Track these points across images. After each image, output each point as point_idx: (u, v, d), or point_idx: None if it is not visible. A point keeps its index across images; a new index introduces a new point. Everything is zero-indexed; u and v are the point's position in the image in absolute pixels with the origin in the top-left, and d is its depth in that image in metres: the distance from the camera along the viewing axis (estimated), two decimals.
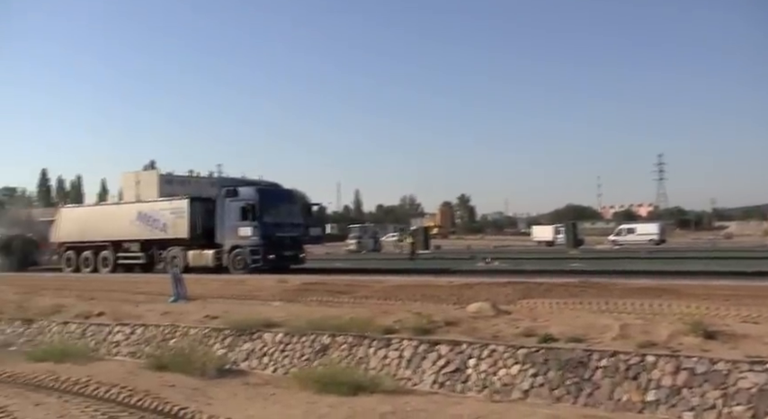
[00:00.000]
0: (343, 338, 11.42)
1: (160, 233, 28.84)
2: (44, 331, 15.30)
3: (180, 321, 13.74)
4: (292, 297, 16.92)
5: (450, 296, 15.69)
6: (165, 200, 31.18)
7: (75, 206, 40.92)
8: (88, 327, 14.73)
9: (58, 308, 16.16)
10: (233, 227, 26.99)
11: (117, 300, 17.16)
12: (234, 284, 20.32)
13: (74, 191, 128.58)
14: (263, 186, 29.25)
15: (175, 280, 17.24)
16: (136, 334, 13.91)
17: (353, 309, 13.60)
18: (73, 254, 31.83)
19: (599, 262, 30.92)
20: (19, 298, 18.49)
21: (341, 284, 18.76)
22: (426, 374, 10.24)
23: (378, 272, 24.77)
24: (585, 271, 22.25)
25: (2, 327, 16.00)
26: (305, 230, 29.25)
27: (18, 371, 11.04)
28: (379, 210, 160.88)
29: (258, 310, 13.97)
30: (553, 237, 67.17)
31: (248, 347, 12.36)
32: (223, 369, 11.38)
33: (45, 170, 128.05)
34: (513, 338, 10.10)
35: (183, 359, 11.38)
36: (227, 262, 26.95)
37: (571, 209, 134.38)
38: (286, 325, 12.40)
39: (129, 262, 30.06)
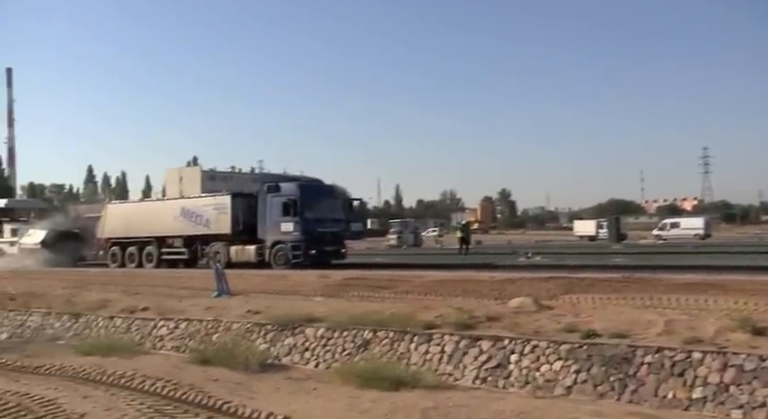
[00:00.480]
0: (384, 333, 11.43)
1: (203, 229, 29.15)
2: (91, 325, 15.58)
3: (223, 316, 13.90)
4: (333, 292, 16.97)
5: (492, 291, 15.61)
6: (208, 196, 31.47)
7: (121, 202, 41.61)
8: (133, 322, 14.96)
9: (105, 303, 16.44)
10: (275, 223, 27.16)
11: (161, 295, 17.40)
12: (275, 279, 20.45)
13: (119, 187, 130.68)
14: (304, 182, 29.35)
15: (218, 275, 17.41)
16: (180, 329, 14.10)
17: (394, 304, 13.60)
18: (118, 250, 32.33)
19: (643, 256, 30.46)
20: (67, 292, 18.86)
21: (382, 279, 18.78)
22: (468, 369, 10.20)
23: (418, 267, 24.73)
24: (629, 267, 21.94)
25: (51, 321, 16.34)
26: (346, 226, 29.25)
27: (67, 364, 11.26)
28: (420, 205, 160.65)
29: (300, 305, 14.06)
30: (595, 232, 66.37)
31: (290, 342, 12.44)
32: (265, 364, 11.48)
33: (91, 167, 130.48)
34: (555, 334, 10.02)
35: (227, 353, 11.51)
36: (269, 257, 27.12)
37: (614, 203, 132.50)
38: (328, 320, 12.46)
39: (173, 257, 30.45)
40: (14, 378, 10.38)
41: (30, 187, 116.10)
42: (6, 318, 17.21)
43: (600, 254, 34.60)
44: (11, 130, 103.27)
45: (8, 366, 11.62)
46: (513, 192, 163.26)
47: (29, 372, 11.02)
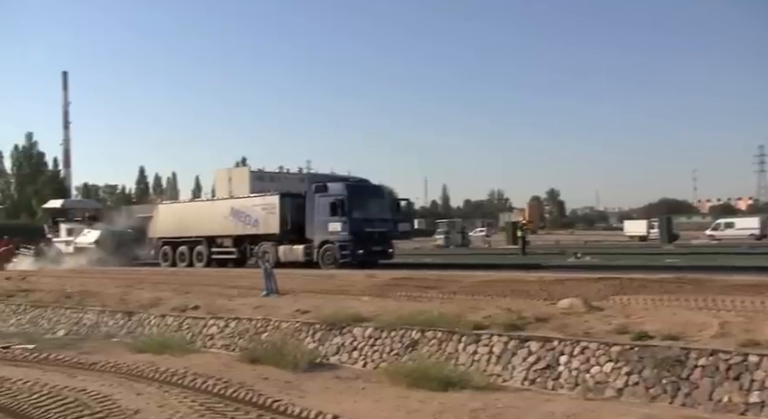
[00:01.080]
0: (432, 333, 11.42)
1: (252, 228, 29.46)
2: (143, 323, 15.88)
3: (272, 315, 14.03)
4: (381, 292, 17.00)
5: (541, 291, 15.49)
6: (257, 197, 31.79)
7: (171, 202, 42.28)
8: (184, 320, 15.21)
9: (156, 302, 16.74)
10: (322, 223, 27.31)
11: (211, 294, 17.63)
12: (323, 279, 20.58)
13: (169, 187, 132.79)
14: (352, 182, 29.48)
15: (267, 274, 17.56)
16: (230, 328, 14.28)
17: (442, 305, 13.58)
18: (169, 249, 32.86)
19: (696, 257, 29.89)
20: (120, 291, 19.25)
21: (429, 279, 18.75)
22: (516, 370, 10.14)
23: (466, 267, 24.64)
24: (681, 267, 21.55)
25: (105, 319, 16.71)
26: (393, 226, 29.31)
27: (121, 362, 11.50)
28: (467, 205, 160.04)
29: (348, 305, 14.11)
30: (646, 232, 65.23)
31: (338, 341, 12.51)
32: (314, 363, 11.57)
33: (143, 168, 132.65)
34: (605, 335, 9.90)
35: (276, 352, 11.62)
36: (317, 257, 27.29)
37: (665, 202, 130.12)
38: (375, 319, 12.49)
39: (223, 256, 30.84)
40: (72, 375, 10.64)
41: (84, 188, 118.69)
42: (63, 316, 17.65)
43: (651, 254, 34.08)
44: (66, 132, 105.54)
45: (65, 362, 11.92)
46: (561, 192, 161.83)
47: (85, 369, 11.28)
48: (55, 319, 17.72)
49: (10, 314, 19.04)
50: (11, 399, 8.90)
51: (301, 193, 29.61)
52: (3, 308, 19.50)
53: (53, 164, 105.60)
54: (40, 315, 18.26)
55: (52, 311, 18.12)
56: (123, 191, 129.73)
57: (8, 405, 8.65)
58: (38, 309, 18.57)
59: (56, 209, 41.18)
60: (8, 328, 18.17)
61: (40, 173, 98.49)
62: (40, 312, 18.38)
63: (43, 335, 16.59)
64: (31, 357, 12.63)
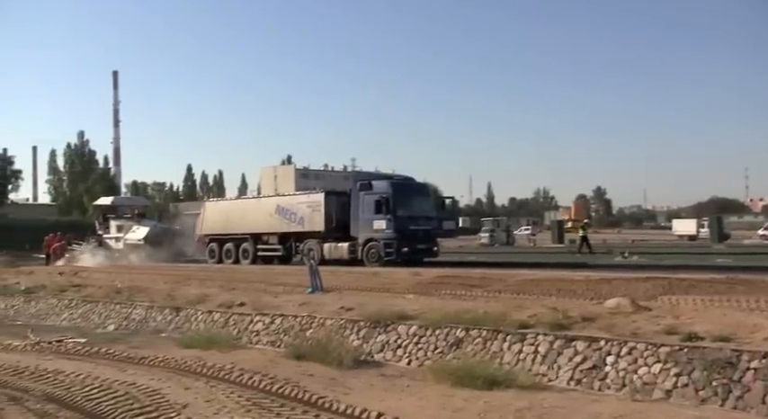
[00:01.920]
0: (477, 332, 11.39)
1: (297, 226, 29.63)
2: (191, 319, 16.12)
3: (317, 312, 14.12)
4: (426, 290, 16.99)
5: (587, 291, 15.31)
6: (302, 194, 31.93)
7: (218, 200, 42.77)
8: (231, 316, 15.39)
9: (203, 298, 16.98)
10: (367, 221, 27.35)
11: (257, 291, 17.82)
12: (368, 276, 20.64)
13: (216, 185, 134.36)
14: (397, 180, 29.47)
15: (312, 272, 17.68)
16: (275, 324, 14.42)
17: (487, 303, 13.50)
18: (216, 246, 33.22)
19: (747, 257, 29.22)
20: (168, 287, 19.58)
21: (474, 277, 18.68)
22: (562, 370, 10.06)
23: (511, 266, 24.48)
24: (733, 267, 21.11)
25: (154, 314, 17.01)
26: (438, 224, 29.15)
27: (169, 356, 11.69)
28: (512, 203, 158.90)
29: (392, 303, 14.14)
30: (696, 231, 64.00)
31: (383, 339, 12.54)
32: (359, 361, 11.62)
33: (190, 165, 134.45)
34: (653, 335, 9.75)
35: (321, 349, 11.70)
36: (362, 254, 27.35)
37: (715, 201, 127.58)
38: (420, 317, 12.50)
39: (268, 254, 31.06)
40: (122, 369, 10.85)
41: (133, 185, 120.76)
42: (113, 311, 18.03)
43: (701, 254, 33.43)
44: (116, 131, 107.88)
45: (116, 356, 12.15)
46: (608, 190, 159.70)
47: (135, 363, 11.49)
48: (105, 314, 18.11)
49: (63, 308, 19.52)
50: (65, 391, 9.12)
51: (346, 191, 29.68)
52: (56, 303, 19.99)
53: (103, 162, 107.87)
54: (91, 309, 18.68)
55: (103, 306, 18.52)
56: (171, 188, 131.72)
57: (62, 396, 8.87)
58: (89, 304, 19.00)
59: (106, 206, 41.84)
60: (61, 322, 18.63)
61: (92, 171, 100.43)
62: (91, 307, 18.80)
63: (94, 330, 16.97)
64: (83, 351, 12.92)
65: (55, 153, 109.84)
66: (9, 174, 78.80)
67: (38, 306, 20.36)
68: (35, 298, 20.94)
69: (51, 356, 12.46)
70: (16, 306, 20.96)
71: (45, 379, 10.00)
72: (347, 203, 28.54)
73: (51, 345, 13.76)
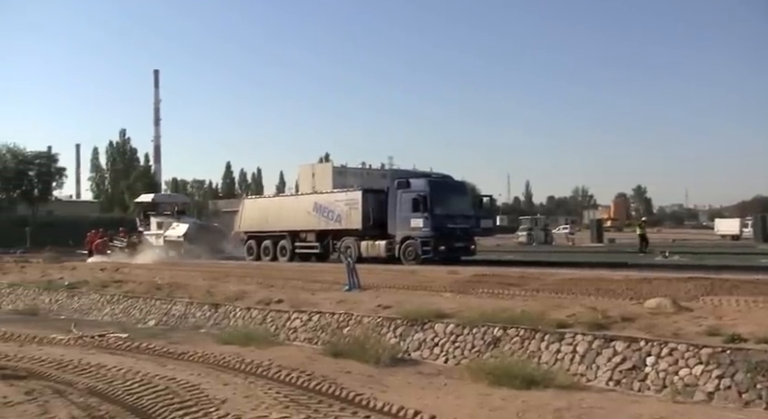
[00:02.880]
0: (514, 331, 11.34)
1: (334, 223, 29.72)
2: (229, 315, 16.28)
3: (354, 310, 14.17)
4: (463, 288, 16.94)
5: (627, 291, 15.13)
6: (340, 192, 31.98)
7: (257, 197, 43.04)
8: (268, 313, 15.51)
9: (242, 295, 17.13)
10: (404, 219, 27.33)
11: (294, 288, 17.93)
12: (405, 275, 20.63)
13: (254, 182, 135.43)
14: (434, 178, 29.41)
15: (349, 269, 17.73)
16: (312, 321, 14.50)
17: (525, 302, 13.45)
18: (254, 244, 33.45)
19: None
20: (207, 284, 19.80)
21: (512, 276, 18.56)
22: (601, 370, 9.97)
23: (549, 265, 24.29)
24: None
25: (193, 310, 17.21)
26: (475, 222, 29.02)
27: (208, 352, 11.81)
28: (550, 202, 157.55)
29: (429, 301, 14.14)
30: (739, 231, 62.74)
31: (420, 337, 12.54)
32: (396, 358, 11.64)
33: (229, 163, 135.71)
34: (695, 336, 9.62)
35: (358, 347, 11.74)
36: (399, 252, 27.33)
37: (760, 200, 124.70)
38: (457, 316, 12.49)
39: (306, 251, 31.19)
40: (162, 364, 10.99)
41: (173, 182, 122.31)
42: (153, 306, 18.29)
43: (745, 254, 32.79)
44: (157, 129, 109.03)
45: (156, 351, 12.31)
46: (648, 189, 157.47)
47: (174, 358, 11.63)
48: (146, 309, 18.38)
49: (104, 303, 19.85)
50: (107, 385, 9.27)
51: (383, 189, 29.69)
52: (98, 298, 20.34)
53: (144, 160, 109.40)
54: (132, 305, 18.97)
55: (143, 302, 18.80)
56: (210, 185, 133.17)
57: (105, 390, 9.01)
58: (130, 300, 19.29)
59: (147, 203, 42.38)
60: (103, 317, 18.96)
61: (133, 169, 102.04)
62: (132, 302, 19.09)
63: (135, 325, 17.24)
64: (125, 345, 13.11)
65: (97, 151, 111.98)
66: (53, 172, 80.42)
67: (80, 301, 20.75)
68: (78, 293, 21.33)
69: (94, 350, 12.69)
70: (60, 300, 21.38)
71: (88, 373, 10.17)
72: (385, 201, 28.54)
73: (94, 340, 14.02)
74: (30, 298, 22.51)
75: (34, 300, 22.11)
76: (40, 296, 22.30)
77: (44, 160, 79.44)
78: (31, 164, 77.80)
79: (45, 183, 79.40)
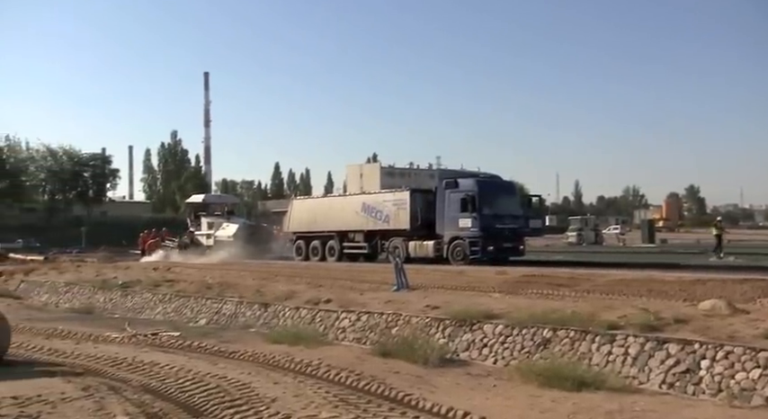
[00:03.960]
0: (564, 332, 11.23)
1: (382, 224, 29.75)
2: (278, 315, 16.44)
3: (402, 310, 14.19)
4: (512, 289, 16.83)
5: (680, 292, 14.84)
6: (388, 192, 31.99)
7: (305, 198, 43.32)
8: (317, 313, 15.62)
9: (291, 295, 17.28)
10: (453, 219, 27.25)
11: (343, 288, 18.02)
12: (453, 275, 20.58)
13: (303, 183, 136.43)
14: (482, 178, 29.24)
15: (397, 270, 17.75)
16: (361, 321, 14.55)
17: (575, 303, 13.31)
18: (303, 244, 33.66)
19: None
20: (256, 283, 20.02)
21: (562, 277, 18.37)
22: (654, 373, 9.80)
23: (600, 266, 23.95)
24: None
25: (243, 310, 17.42)
26: (524, 222, 28.75)
27: (258, 351, 11.95)
28: (600, 202, 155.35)
29: (478, 301, 14.09)
30: None
31: (468, 338, 12.51)
32: (445, 359, 11.61)
33: (278, 164, 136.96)
34: (752, 339, 9.40)
35: (407, 347, 11.75)
36: (447, 253, 27.25)
37: None
38: (506, 317, 12.42)
39: (354, 251, 31.29)
40: (213, 362, 11.16)
41: (223, 183, 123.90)
42: (204, 306, 18.57)
43: None
44: (207, 130, 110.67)
45: (207, 350, 12.51)
46: (702, 189, 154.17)
47: (225, 357, 11.80)
48: (197, 309, 18.67)
49: (157, 302, 20.23)
50: (160, 383, 9.45)
51: (432, 189, 29.64)
52: (150, 297, 20.74)
53: (195, 161, 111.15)
54: (184, 304, 19.29)
55: (194, 301, 19.10)
56: (259, 186, 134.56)
57: (158, 387, 9.19)
58: (181, 299, 19.62)
59: (197, 204, 42.88)
60: (155, 316, 19.32)
61: (184, 170, 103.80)
62: (184, 302, 19.41)
63: (187, 324, 17.52)
64: (177, 344, 13.36)
65: (149, 152, 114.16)
66: (107, 173, 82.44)
67: (134, 300, 21.18)
68: (131, 292, 21.78)
69: (147, 348, 12.95)
70: (114, 299, 21.85)
71: (141, 371, 10.39)
72: (433, 201, 28.49)
73: (147, 338, 14.30)
74: (85, 296, 23.07)
75: (89, 299, 22.66)
76: (95, 295, 22.85)
77: (98, 162, 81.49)
78: (86, 165, 79.88)
79: (99, 185, 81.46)
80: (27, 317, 17.92)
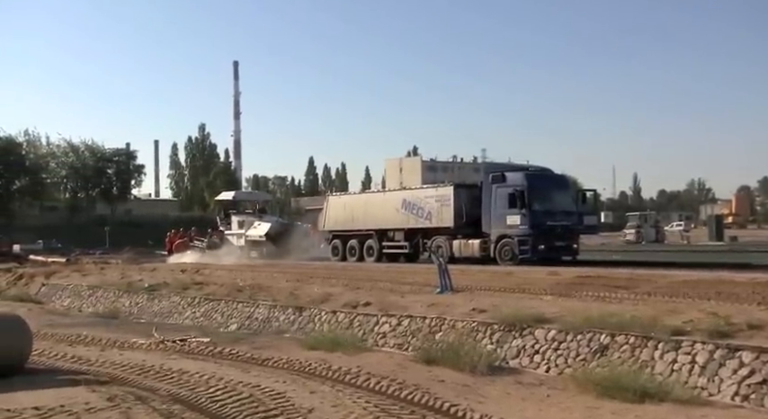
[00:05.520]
0: (624, 338, 11.08)
1: (424, 221, 29.72)
2: (314, 319, 16.50)
3: (446, 313, 14.14)
4: (565, 291, 16.65)
5: (753, 295, 14.50)
6: (430, 188, 31.95)
7: (341, 194, 43.48)
8: (355, 317, 15.64)
9: (327, 297, 17.33)
10: (500, 216, 27.10)
11: (382, 290, 18.01)
12: (501, 276, 20.46)
13: (339, 178, 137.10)
14: (532, 171, 29.01)
15: (441, 270, 17.68)
16: (402, 326, 14.53)
17: (635, 306, 13.14)
18: (339, 243, 33.77)
19: None
20: (290, 285, 20.12)
21: (619, 278, 18.14)
22: (725, 384, 9.61)
23: (661, 266, 23.62)
24: None
25: (276, 314, 17.52)
26: (578, 219, 28.44)
27: (293, 358, 12.01)
28: (662, 196, 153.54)
29: (528, 304, 13.99)
30: None
31: (518, 344, 12.42)
32: (493, 366, 11.53)
33: (312, 158, 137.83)
34: None
35: (452, 353, 11.70)
36: (494, 252, 27.12)
37: None
38: (559, 321, 12.32)
39: (394, 251, 31.31)
40: (245, 370, 11.23)
41: (254, 179, 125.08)
42: (235, 310, 18.71)
43: None
44: (236, 123, 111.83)
45: (239, 357, 12.60)
46: None
47: (258, 364, 11.88)
48: (228, 313, 18.82)
49: (185, 306, 20.44)
50: (189, 392, 9.53)
51: (477, 184, 29.53)
52: (178, 301, 20.96)
53: (224, 156, 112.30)
54: (214, 308, 19.47)
55: (225, 305, 19.26)
56: (292, 182, 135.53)
57: (187, 397, 9.26)
58: (211, 302, 19.80)
59: (227, 202, 43.32)
60: (184, 321, 19.53)
61: (212, 165, 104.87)
62: (214, 305, 19.59)
63: (217, 329, 17.68)
64: (207, 350, 13.47)
65: (176, 147, 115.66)
66: (132, 170, 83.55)
67: (161, 303, 21.43)
68: (158, 295, 22.03)
69: (175, 355, 13.08)
70: (140, 303, 22.14)
71: (170, 379, 10.50)
72: (478, 197, 28.37)
73: (175, 344, 14.44)
74: (110, 300, 23.42)
75: (114, 303, 22.99)
76: (120, 298, 23.17)
77: (123, 157, 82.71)
78: (109, 161, 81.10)
79: (124, 182, 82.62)
80: (49, 323, 18.21)
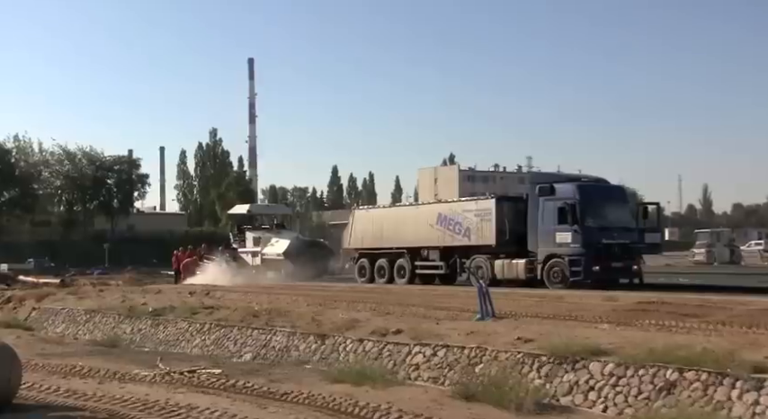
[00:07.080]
0: (694, 374, 10.94)
1: (462, 238, 29.67)
2: (338, 348, 16.47)
3: (488, 343, 14.06)
4: (624, 318, 16.57)
5: None
6: (469, 201, 31.94)
7: (369, 208, 43.58)
8: (385, 346, 15.58)
9: (353, 324, 17.29)
10: (548, 232, 27.03)
11: (415, 316, 18.01)
12: (550, 301, 20.38)
13: (366, 190, 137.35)
14: (585, 182, 28.93)
15: (481, 294, 17.62)
16: (438, 357, 14.47)
17: (707, 338, 12.99)
18: (366, 263, 33.79)
19: None
20: (312, 310, 20.14)
21: (688, 304, 18.01)
22: None
23: (738, 291, 23.40)
24: None
25: (296, 342, 17.52)
26: (638, 236, 28.29)
27: (315, 392, 11.98)
28: (737, 211, 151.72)
29: (581, 334, 13.90)
30: None
31: (570, 378, 12.31)
32: (542, 404, 11.45)
33: (336, 167, 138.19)
34: None
35: (495, 388, 11.62)
36: (542, 273, 27.04)
37: None
38: (618, 353, 12.19)
39: (428, 272, 31.30)
40: (262, 406, 11.25)
41: (271, 190, 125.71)
42: (250, 337, 18.73)
43: None
44: (252, 128, 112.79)
45: (254, 391, 12.59)
46: None
47: (276, 399, 11.86)
48: (241, 341, 18.85)
49: (194, 333, 20.50)
50: None
51: (522, 196, 29.51)
52: (186, 327, 21.02)
53: (238, 165, 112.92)
54: (226, 335, 19.50)
55: (238, 331, 19.29)
56: (314, 194, 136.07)
57: None
58: (223, 329, 19.83)
59: (241, 216, 43.51)
60: (192, 349, 19.58)
61: (225, 175, 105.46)
62: (226, 332, 19.62)
63: (229, 359, 17.70)
64: (218, 383, 13.48)
65: (185, 154, 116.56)
66: (135, 180, 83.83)
67: (166, 330, 21.50)
68: (163, 321, 22.10)
69: (183, 389, 13.11)
70: (143, 330, 22.23)
71: (177, 416, 10.54)
72: (524, 211, 28.35)
73: (183, 376, 14.46)
74: (109, 326, 23.54)
75: (114, 329, 23.10)
76: (120, 324, 23.28)
77: (124, 166, 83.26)
78: (109, 170, 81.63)
79: (125, 193, 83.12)
80: (41, 352, 18.31)
